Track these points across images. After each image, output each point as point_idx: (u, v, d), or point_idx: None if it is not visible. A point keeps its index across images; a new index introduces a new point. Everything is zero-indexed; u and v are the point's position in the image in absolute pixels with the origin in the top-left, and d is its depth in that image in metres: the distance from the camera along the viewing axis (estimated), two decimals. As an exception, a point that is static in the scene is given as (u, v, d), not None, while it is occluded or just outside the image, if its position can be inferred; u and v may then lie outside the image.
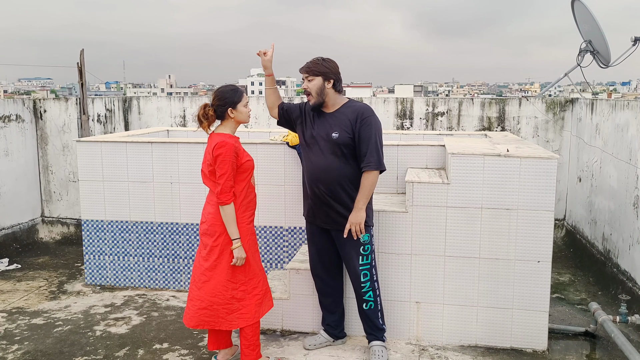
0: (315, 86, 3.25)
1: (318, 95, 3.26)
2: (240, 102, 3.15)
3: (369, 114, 3.24)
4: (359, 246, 3.32)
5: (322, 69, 3.25)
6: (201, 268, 3.15)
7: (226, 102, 3.13)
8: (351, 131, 3.21)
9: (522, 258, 3.54)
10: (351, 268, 3.39)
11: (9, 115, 6.34)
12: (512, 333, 3.61)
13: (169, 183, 4.61)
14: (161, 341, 3.78)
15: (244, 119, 3.20)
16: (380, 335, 3.48)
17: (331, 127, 3.25)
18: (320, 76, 3.25)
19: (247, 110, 3.20)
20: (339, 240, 3.36)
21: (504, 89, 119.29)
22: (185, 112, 6.90)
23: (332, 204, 3.27)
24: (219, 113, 3.15)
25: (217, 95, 3.16)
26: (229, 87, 3.22)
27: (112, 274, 4.84)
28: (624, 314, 3.68)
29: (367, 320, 3.47)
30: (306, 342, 3.60)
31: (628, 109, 4.64)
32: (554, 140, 6.25)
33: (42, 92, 75.17)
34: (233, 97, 3.14)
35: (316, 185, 3.28)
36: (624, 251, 4.51)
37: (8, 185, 6.28)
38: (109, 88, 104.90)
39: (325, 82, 3.26)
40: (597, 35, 6.76)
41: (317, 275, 3.56)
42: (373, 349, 3.45)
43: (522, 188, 3.48)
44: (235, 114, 3.15)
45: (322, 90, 3.26)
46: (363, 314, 3.47)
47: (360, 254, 3.33)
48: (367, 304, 3.42)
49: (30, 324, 4.08)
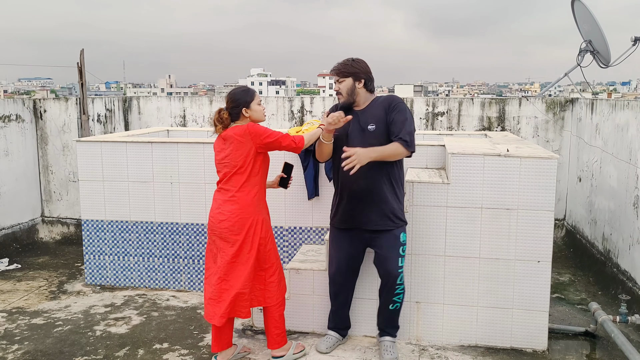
0: (346, 87, 3.26)
1: (349, 95, 3.27)
2: (254, 101, 3.22)
3: (400, 101, 3.28)
4: (398, 247, 3.30)
5: (352, 70, 3.25)
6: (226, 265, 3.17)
7: (239, 103, 3.19)
8: (385, 121, 3.21)
9: (522, 258, 3.54)
10: (388, 269, 3.32)
11: (9, 115, 6.34)
12: (512, 333, 3.61)
13: (169, 183, 4.61)
14: (161, 341, 3.78)
15: (260, 116, 3.26)
16: (393, 333, 3.51)
17: (366, 121, 3.24)
18: (350, 77, 3.25)
19: (261, 109, 3.26)
20: (377, 242, 3.32)
21: (504, 89, 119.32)
22: (185, 112, 6.90)
23: (373, 202, 3.23)
24: (234, 115, 3.21)
25: (230, 98, 3.22)
26: (240, 88, 3.28)
27: (112, 274, 4.84)
28: (624, 314, 3.68)
29: (387, 318, 3.47)
30: (321, 346, 3.54)
31: (628, 109, 4.64)
32: (554, 140, 6.25)
33: (42, 92, 75.20)
34: (246, 97, 3.21)
35: (357, 183, 3.22)
36: (624, 251, 4.51)
37: (8, 185, 6.28)
38: (109, 88, 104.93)
39: (355, 82, 3.26)
40: (597, 35, 6.76)
41: (341, 281, 3.48)
42: (385, 344, 3.46)
43: (522, 188, 3.48)
44: (250, 112, 3.21)
45: (353, 90, 3.26)
46: (386, 313, 3.45)
47: (399, 256, 3.31)
48: (394, 305, 3.41)
49: (30, 324, 4.08)
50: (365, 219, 3.28)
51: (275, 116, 6.73)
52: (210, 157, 4.49)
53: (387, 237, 3.28)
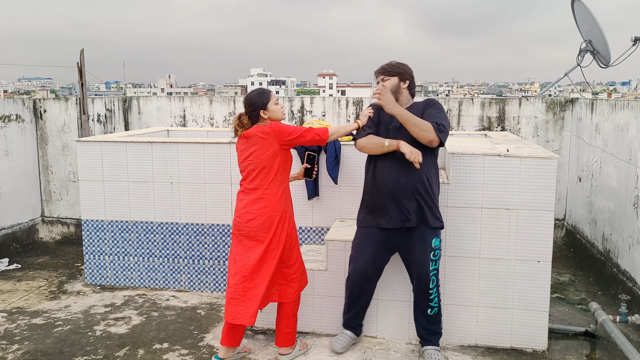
0: (391, 85, 3.27)
1: (392, 93, 3.25)
2: (270, 101, 3.25)
3: (438, 102, 3.31)
4: (430, 251, 3.29)
5: (398, 70, 3.30)
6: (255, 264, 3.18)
7: (257, 106, 3.23)
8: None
9: (522, 258, 3.54)
10: (421, 272, 3.30)
11: (9, 115, 6.34)
12: (512, 333, 3.61)
13: (169, 183, 4.61)
14: (161, 341, 3.78)
15: (279, 115, 3.28)
16: (436, 340, 3.45)
17: None
18: (396, 76, 3.29)
19: (279, 107, 3.29)
20: (410, 245, 3.30)
21: (504, 89, 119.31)
22: (185, 112, 6.90)
23: (412, 200, 3.21)
24: (253, 118, 3.25)
25: (247, 103, 3.26)
26: (255, 91, 3.32)
27: (112, 274, 4.84)
28: (624, 314, 3.68)
29: (427, 324, 3.42)
30: (336, 346, 3.51)
31: (628, 109, 4.64)
32: (554, 140, 6.25)
33: (42, 92, 75.18)
34: (262, 99, 3.24)
35: (397, 181, 3.20)
36: (624, 251, 4.51)
37: (8, 185, 6.28)
38: (109, 88, 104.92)
39: (401, 82, 3.30)
40: (597, 35, 6.76)
41: (365, 283, 3.44)
42: (428, 352, 3.40)
43: (522, 188, 3.48)
44: (269, 113, 3.24)
45: (397, 89, 3.28)
46: (425, 318, 3.42)
47: (431, 260, 3.30)
48: (432, 310, 3.39)
49: (30, 324, 4.08)
50: (402, 216, 3.23)
51: (275, 116, 6.72)
52: (210, 157, 4.49)
53: (421, 243, 3.26)
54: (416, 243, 3.28)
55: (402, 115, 3.15)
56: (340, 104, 6.64)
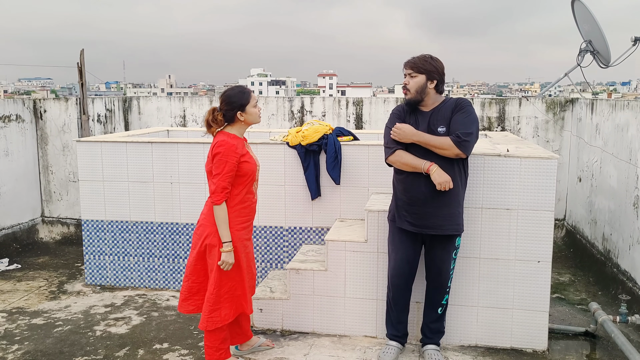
0: (417, 84, 3.13)
1: (417, 93, 3.15)
2: (249, 104, 3.07)
3: (468, 103, 3.17)
4: (452, 251, 3.29)
5: (428, 67, 3.12)
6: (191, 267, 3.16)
7: (234, 107, 3.04)
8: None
9: (522, 258, 3.54)
10: (442, 273, 3.30)
11: (9, 115, 6.34)
12: (512, 333, 3.61)
13: (169, 183, 4.61)
14: (161, 341, 3.78)
15: (254, 120, 3.13)
16: (437, 339, 3.45)
17: (435, 122, 3.14)
18: (424, 74, 3.13)
19: (256, 111, 3.12)
20: (435, 246, 3.27)
21: (504, 89, 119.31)
22: (185, 112, 6.90)
23: (438, 204, 3.15)
24: (228, 117, 3.07)
25: (224, 100, 3.07)
26: (235, 89, 3.11)
27: (112, 274, 4.84)
28: (624, 314, 3.68)
29: (434, 324, 3.42)
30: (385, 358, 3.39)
31: (628, 109, 4.64)
32: (554, 140, 6.25)
33: (42, 92, 75.21)
34: (241, 100, 3.06)
35: (425, 185, 3.13)
36: (624, 251, 4.51)
37: (8, 185, 6.28)
38: (109, 88, 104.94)
39: (428, 81, 3.14)
40: (597, 35, 6.76)
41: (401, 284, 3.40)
42: (429, 352, 3.39)
43: (522, 188, 3.48)
44: (245, 116, 3.07)
45: (422, 89, 3.14)
46: (434, 314, 3.41)
47: (452, 259, 3.30)
48: (441, 309, 3.39)
49: (30, 324, 4.08)
50: (428, 222, 3.19)
51: (275, 116, 6.73)
52: (210, 157, 4.49)
53: (445, 241, 3.25)
54: (442, 244, 3.27)
55: (421, 141, 3.09)
56: (340, 104, 6.64)
